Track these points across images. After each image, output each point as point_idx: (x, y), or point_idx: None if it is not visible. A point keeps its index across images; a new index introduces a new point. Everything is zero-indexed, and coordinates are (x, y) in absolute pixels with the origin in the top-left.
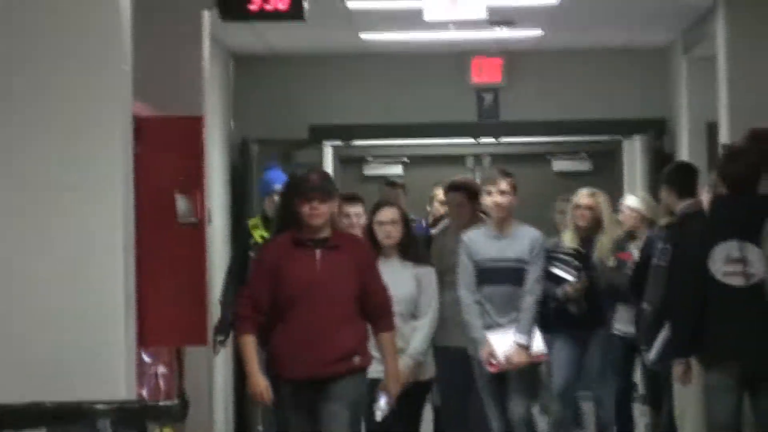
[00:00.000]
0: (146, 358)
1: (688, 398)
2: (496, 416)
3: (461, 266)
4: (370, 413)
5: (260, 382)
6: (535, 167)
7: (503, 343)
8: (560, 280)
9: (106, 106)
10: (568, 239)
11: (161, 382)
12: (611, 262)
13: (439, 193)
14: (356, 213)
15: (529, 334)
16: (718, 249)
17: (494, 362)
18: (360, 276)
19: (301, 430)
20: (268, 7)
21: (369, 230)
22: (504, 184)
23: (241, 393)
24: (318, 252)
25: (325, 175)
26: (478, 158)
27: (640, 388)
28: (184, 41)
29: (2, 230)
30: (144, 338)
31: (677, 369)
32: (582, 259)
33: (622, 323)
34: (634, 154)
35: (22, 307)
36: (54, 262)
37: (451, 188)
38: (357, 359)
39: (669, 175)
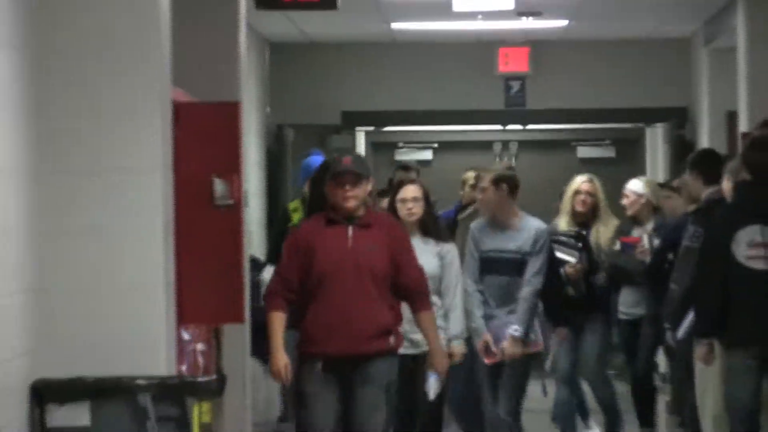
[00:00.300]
0: (186, 336)
1: (709, 380)
2: (489, 405)
3: (468, 255)
4: (400, 391)
5: (281, 360)
6: (560, 154)
7: (502, 335)
8: (561, 263)
9: (146, 93)
10: (564, 224)
11: (200, 359)
12: (616, 246)
13: (470, 178)
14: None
15: (524, 325)
16: (742, 233)
17: (490, 353)
18: (393, 254)
19: (328, 410)
20: None
21: (392, 209)
22: (483, 182)
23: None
24: (350, 229)
25: (358, 157)
26: (505, 144)
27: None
28: (221, 29)
29: (50, 212)
30: (183, 316)
31: (700, 350)
32: (582, 241)
33: (627, 306)
34: (656, 141)
35: (67, 286)
36: (97, 244)
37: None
38: (392, 339)
39: (695, 162)
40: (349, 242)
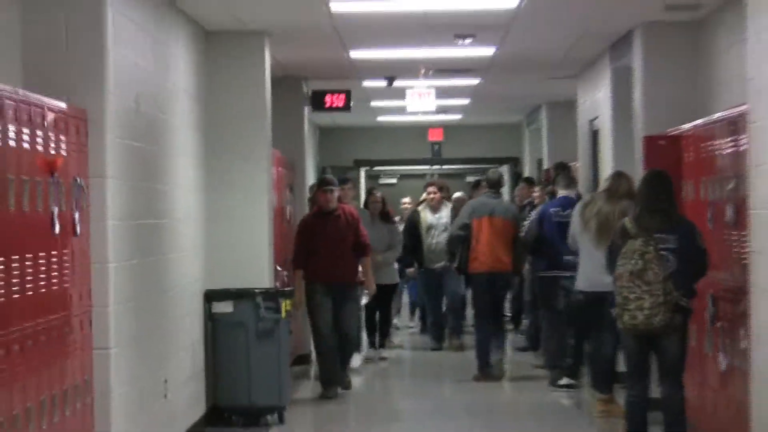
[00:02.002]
0: (278, 268)
1: None
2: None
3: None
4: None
5: (302, 297)
6: (458, 180)
7: None
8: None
9: (260, 151)
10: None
11: (285, 279)
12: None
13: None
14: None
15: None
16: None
17: None
18: (352, 228)
19: (325, 307)
20: (334, 104)
21: (365, 205)
22: (348, 186)
23: None
24: (330, 218)
25: (331, 176)
26: (431, 175)
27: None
28: (296, 120)
29: (212, 208)
30: (275, 259)
31: None
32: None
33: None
34: (505, 173)
35: (220, 244)
36: (238, 224)
37: (431, 185)
38: (359, 276)
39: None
40: (330, 226)
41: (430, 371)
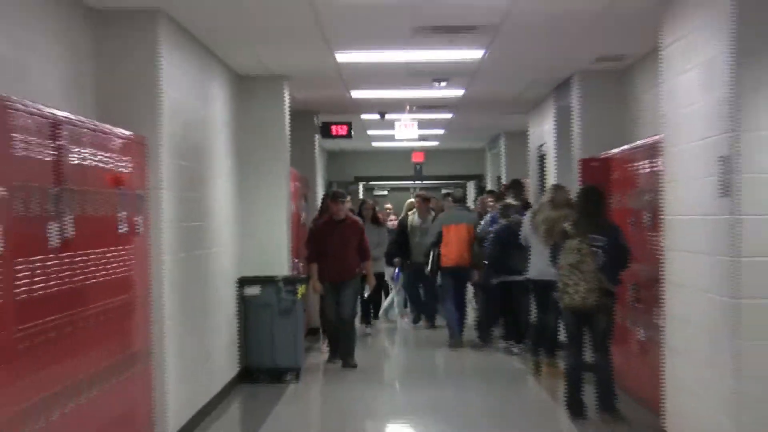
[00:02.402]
0: (295, 260)
1: None
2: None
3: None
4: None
5: (318, 284)
6: (436, 192)
7: None
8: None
9: (280, 170)
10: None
11: (301, 268)
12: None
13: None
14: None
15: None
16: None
17: None
18: (357, 235)
19: (331, 302)
20: (339, 133)
21: (359, 212)
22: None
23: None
24: (339, 225)
25: (342, 190)
26: (414, 189)
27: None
28: (309, 145)
29: (243, 216)
30: (293, 253)
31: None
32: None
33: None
34: (470, 187)
35: (249, 243)
36: (263, 228)
37: (417, 197)
38: (357, 270)
39: (498, 192)
40: (338, 231)
41: (413, 342)
